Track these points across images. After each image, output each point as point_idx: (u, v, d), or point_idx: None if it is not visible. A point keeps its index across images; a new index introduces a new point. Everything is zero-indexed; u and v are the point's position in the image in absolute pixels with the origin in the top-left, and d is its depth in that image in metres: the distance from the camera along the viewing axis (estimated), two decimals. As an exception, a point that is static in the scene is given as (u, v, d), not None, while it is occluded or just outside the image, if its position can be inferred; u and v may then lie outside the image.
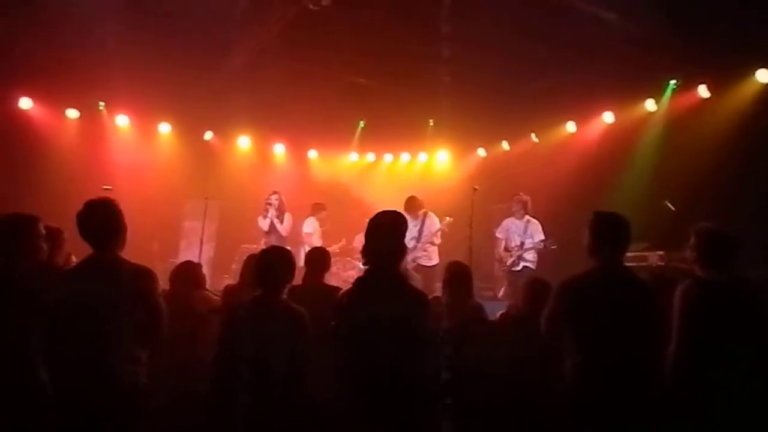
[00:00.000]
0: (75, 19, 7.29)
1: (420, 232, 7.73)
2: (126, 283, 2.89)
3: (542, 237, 7.36)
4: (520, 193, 7.64)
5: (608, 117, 8.58)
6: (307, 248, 7.20)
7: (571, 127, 9.07)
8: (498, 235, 7.68)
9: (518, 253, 7.38)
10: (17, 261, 2.97)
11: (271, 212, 7.69)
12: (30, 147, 8.48)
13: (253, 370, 2.96)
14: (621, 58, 7.22)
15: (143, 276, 2.97)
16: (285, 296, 3.26)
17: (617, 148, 8.04)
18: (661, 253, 6.26)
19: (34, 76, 8.24)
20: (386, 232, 3.14)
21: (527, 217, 7.55)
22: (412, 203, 7.73)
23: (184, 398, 3.50)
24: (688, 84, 7.57)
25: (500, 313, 4.19)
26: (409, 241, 7.58)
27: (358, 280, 3.22)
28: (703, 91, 7.39)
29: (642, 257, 6.26)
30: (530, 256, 7.41)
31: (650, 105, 8.04)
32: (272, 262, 3.12)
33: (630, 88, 7.90)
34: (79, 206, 3.03)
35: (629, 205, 5.41)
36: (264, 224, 7.71)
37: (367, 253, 3.16)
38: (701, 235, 3.30)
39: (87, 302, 2.85)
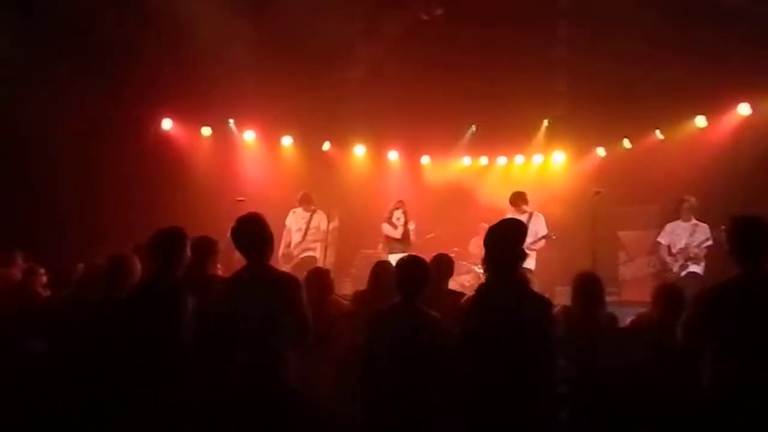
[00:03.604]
0: (205, 43, 7.98)
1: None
2: (277, 291, 3.15)
3: (707, 237, 6.84)
4: (687, 196, 7.13)
5: (744, 109, 7.94)
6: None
7: (701, 121, 8.49)
8: (660, 240, 7.21)
9: (684, 255, 6.91)
10: (173, 270, 3.34)
11: (401, 222, 7.77)
12: (172, 163, 9.32)
13: (394, 373, 3.11)
14: (755, 43, 6.66)
15: (292, 284, 3.24)
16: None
17: (757, 142, 7.41)
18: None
19: (173, 98, 9.04)
20: (507, 240, 3.18)
21: (694, 220, 7.04)
22: (518, 198, 7.53)
23: (321, 400, 3.71)
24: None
25: (630, 320, 4.05)
26: None
27: (481, 287, 3.28)
28: None
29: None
30: (697, 262, 6.91)
31: (794, 93, 7.37)
32: (411, 271, 3.26)
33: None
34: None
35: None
36: (396, 233, 7.78)
37: (488, 260, 3.21)
38: None
39: (245, 309, 3.14)
